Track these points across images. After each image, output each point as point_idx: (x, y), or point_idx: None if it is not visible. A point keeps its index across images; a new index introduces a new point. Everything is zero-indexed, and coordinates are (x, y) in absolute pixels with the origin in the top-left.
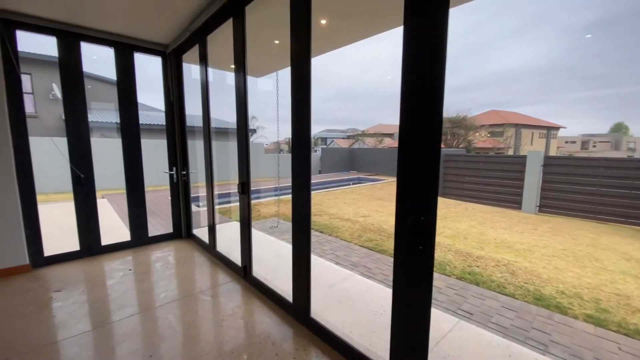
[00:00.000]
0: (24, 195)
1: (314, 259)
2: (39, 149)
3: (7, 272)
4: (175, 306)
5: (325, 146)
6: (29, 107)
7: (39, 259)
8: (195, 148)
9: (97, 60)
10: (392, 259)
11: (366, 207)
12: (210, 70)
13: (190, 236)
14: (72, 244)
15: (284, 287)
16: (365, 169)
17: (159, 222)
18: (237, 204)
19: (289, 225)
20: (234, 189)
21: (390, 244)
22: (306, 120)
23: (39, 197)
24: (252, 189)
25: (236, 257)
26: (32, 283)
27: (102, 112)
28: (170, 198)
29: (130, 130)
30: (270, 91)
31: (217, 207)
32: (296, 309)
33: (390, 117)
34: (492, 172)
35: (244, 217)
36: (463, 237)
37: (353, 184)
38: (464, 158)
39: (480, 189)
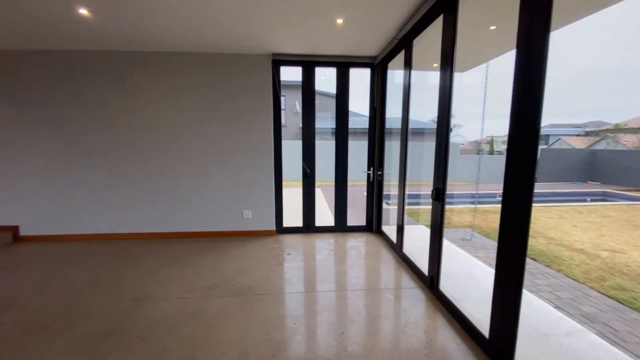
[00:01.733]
0: (277, 182)
1: (523, 292)
2: (284, 149)
3: (263, 234)
4: (363, 295)
5: (545, 147)
6: (282, 119)
7: (280, 227)
8: (390, 149)
9: (320, 79)
10: None
11: (616, 237)
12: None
13: (379, 232)
14: (298, 220)
15: (476, 313)
16: (617, 180)
17: (355, 214)
18: (427, 207)
19: (484, 240)
20: (425, 190)
21: None
22: (534, 113)
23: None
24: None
25: (422, 264)
26: (275, 244)
27: (321, 120)
28: (365, 194)
29: (341, 134)
30: (473, 86)
31: (406, 207)
32: (493, 349)
33: None
34: None
35: (435, 225)
36: None
37: (592, 200)
38: None
39: None
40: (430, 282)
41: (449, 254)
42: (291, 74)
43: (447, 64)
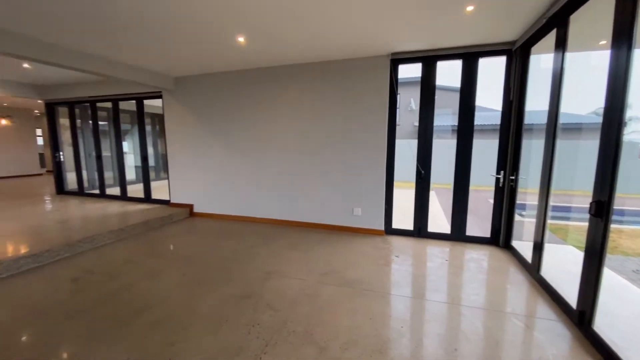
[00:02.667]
0: (387, 180)
1: None
2: (397, 149)
3: (372, 232)
4: (482, 314)
5: None
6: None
7: (389, 228)
8: (529, 149)
9: (440, 72)
10: None
11: None
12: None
13: (508, 247)
14: (408, 223)
15: None
16: None
17: (476, 223)
18: (580, 223)
19: None
20: (578, 202)
21: None
22: None
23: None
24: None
25: (567, 294)
26: (383, 244)
27: (439, 116)
28: (492, 201)
29: (465, 132)
30: None
31: (548, 221)
32: None
33: None
34: None
35: (592, 247)
36: None
37: None
38: None
39: None
40: (579, 317)
41: (612, 287)
42: (408, 71)
43: (623, 38)
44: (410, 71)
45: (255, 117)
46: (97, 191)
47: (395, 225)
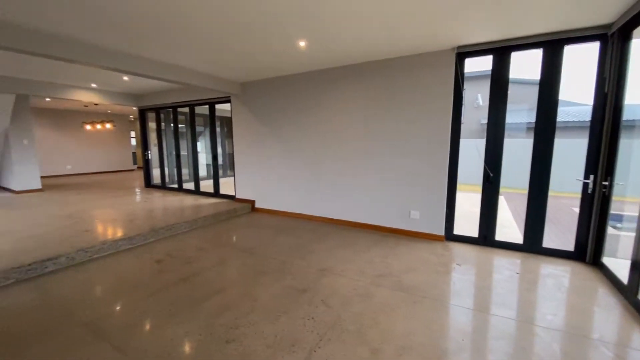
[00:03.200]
0: (450, 182)
1: None
2: (461, 149)
3: (430, 237)
4: (560, 337)
5: None
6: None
7: (449, 234)
8: (629, 150)
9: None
10: None
11: None
12: None
13: (596, 264)
14: (471, 230)
15: None
16: None
17: (555, 233)
18: None
19: None
20: None
21: None
22: None
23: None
24: None
25: None
26: (444, 251)
27: (511, 113)
28: (577, 210)
29: (544, 129)
30: None
31: None
32: None
33: None
34: None
35: None
36: None
37: None
38: None
39: None
40: None
41: None
42: (474, 65)
43: None
44: (478, 65)
45: (315, 119)
46: (175, 185)
47: (457, 231)
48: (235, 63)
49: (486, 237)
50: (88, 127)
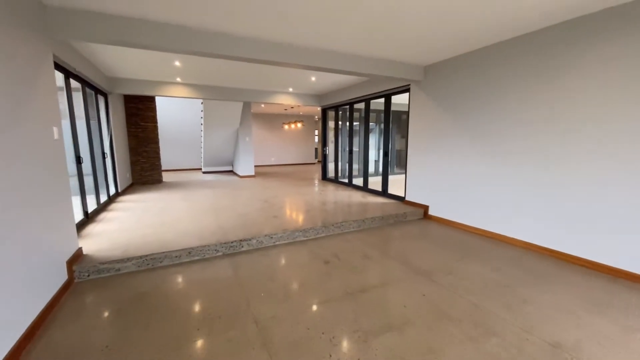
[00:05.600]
0: None
1: None
2: None
3: None
4: None
5: None
6: None
7: None
8: None
9: None
10: None
11: None
12: None
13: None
14: None
15: None
16: None
17: None
18: None
19: None
20: None
21: None
22: None
23: None
24: None
25: None
26: None
27: None
28: None
29: None
30: None
31: None
32: None
33: None
34: None
35: None
36: None
37: None
38: None
39: None
40: None
41: None
42: None
43: None
44: None
45: (533, 105)
46: (346, 180)
47: None
48: (419, 40)
49: None
50: (286, 127)
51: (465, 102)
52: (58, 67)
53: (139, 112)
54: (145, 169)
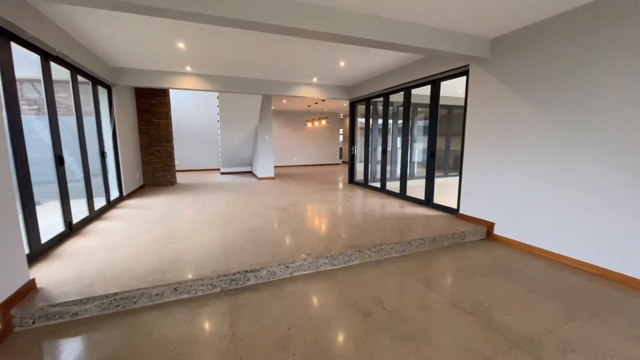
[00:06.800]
0: None
1: None
2: None
3: None
4: None
5: None
6: None
7: None
8: None
9: None
10: None
11: None
12: None
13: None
14: None
15: None
16: None
17: None
18: None
19: None
20: None
21: None
22: None
23: None
24: None
25: None
26: None
27: None
28: None
29: None
30: None
31: None
32: None
33: None
34: None
35: None
36: None
37: None
38: None
39: None
40: None
41: None
42: None
43: None
44: None
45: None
46: (378, 185)
47: None
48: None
49: None
50: (309, 124)
51: (560, 85)
52: (31, 46)
53: (151, 108)
54: (157, 169)
